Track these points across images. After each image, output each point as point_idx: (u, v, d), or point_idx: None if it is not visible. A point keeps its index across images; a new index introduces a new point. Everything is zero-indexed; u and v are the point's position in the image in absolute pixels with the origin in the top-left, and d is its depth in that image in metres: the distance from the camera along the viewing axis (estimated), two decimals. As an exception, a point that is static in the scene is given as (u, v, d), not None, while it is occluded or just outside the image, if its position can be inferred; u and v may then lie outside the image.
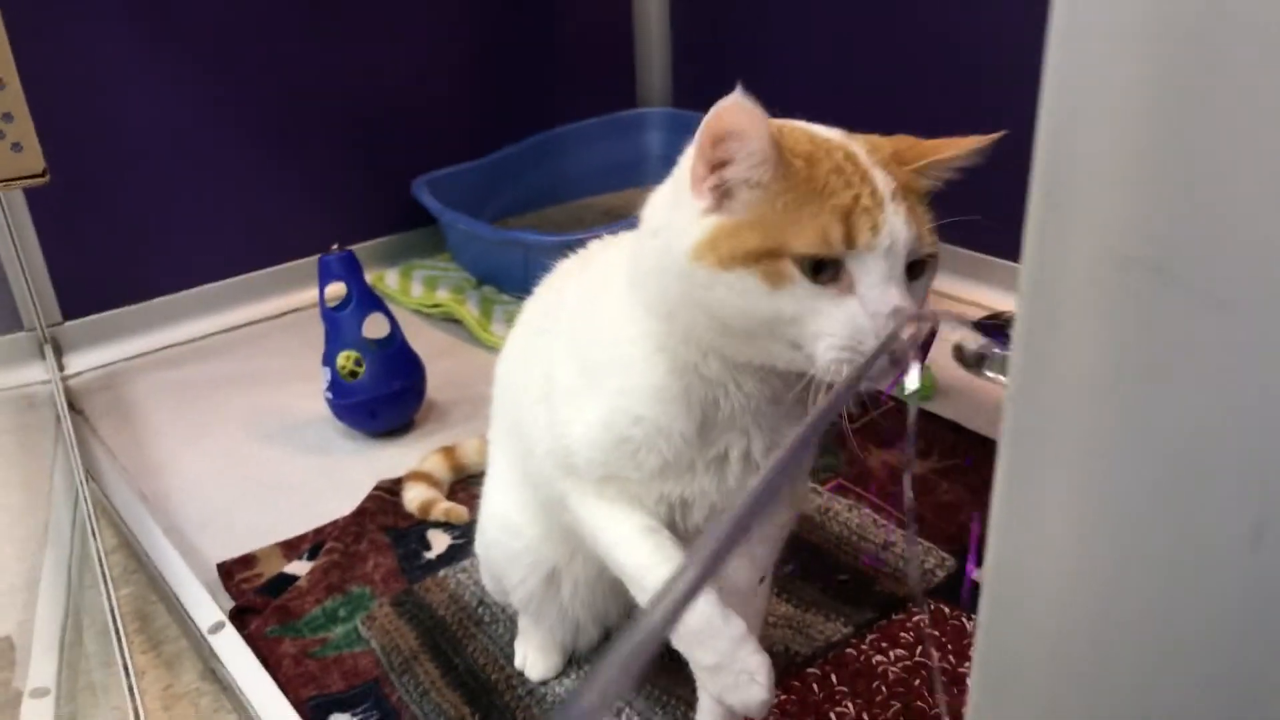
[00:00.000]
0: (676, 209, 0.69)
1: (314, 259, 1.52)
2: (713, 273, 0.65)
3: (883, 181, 0.64)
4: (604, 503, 0.80)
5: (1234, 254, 0.23)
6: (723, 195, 0.66)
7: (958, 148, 0.68)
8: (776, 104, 0.75)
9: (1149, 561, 0.27)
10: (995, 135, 0.68)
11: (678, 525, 0.81)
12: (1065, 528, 0.30)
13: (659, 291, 0.71)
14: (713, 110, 0.63)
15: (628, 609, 1.00)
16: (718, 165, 0.65)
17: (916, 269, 0.66)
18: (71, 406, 1.65)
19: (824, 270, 0.63)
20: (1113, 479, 0.28)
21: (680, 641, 0.76)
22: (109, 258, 1.85)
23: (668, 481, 0.78)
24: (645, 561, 0.78)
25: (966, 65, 1.81)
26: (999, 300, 1.81)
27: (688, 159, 0.69)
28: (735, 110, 0.62)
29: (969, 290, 1.86)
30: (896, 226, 0.63)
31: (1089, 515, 0.29)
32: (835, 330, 0.63)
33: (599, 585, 0.96)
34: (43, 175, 1.02)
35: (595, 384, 0.78)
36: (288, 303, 2.00)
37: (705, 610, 0.74)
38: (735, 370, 0.72)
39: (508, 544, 0.98)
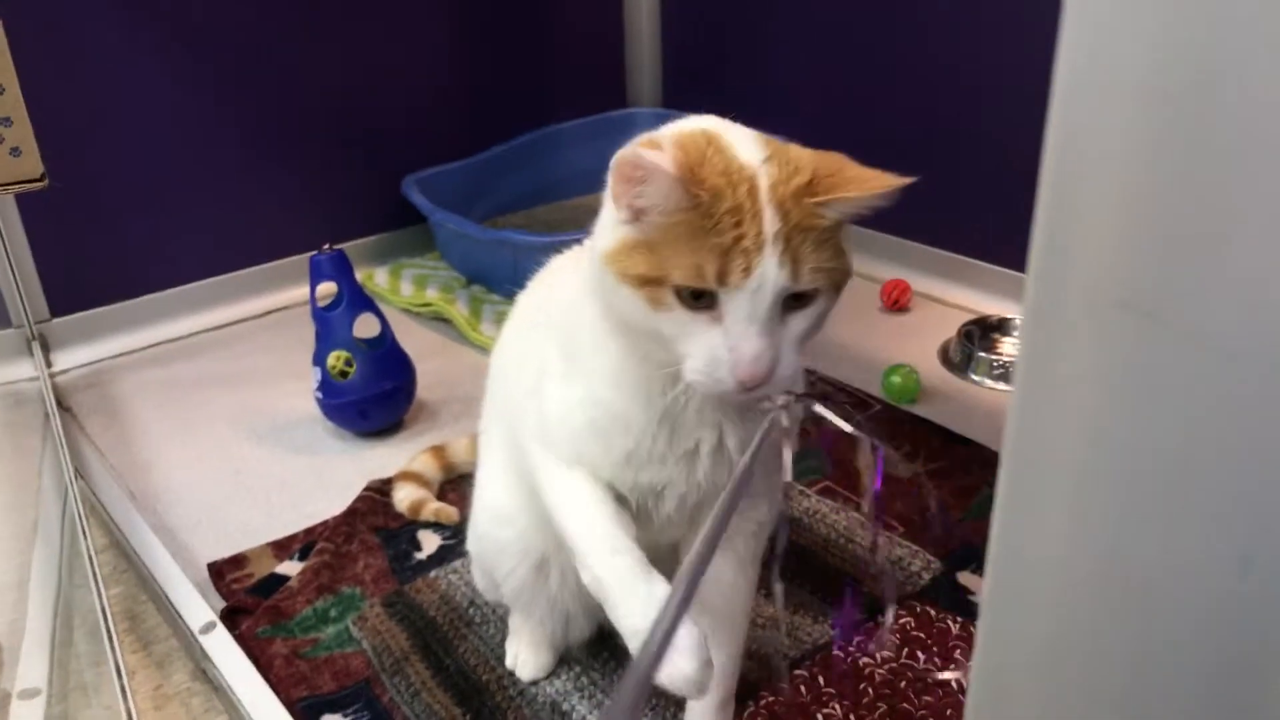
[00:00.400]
0: (605, 209, 0.74)
1: (303, 257, 1.52)
2: (616, 282, 0.71)
3: (771, 222, 0.67)
4: (569, 476, 0.82)
5: (1220, 301, 0.24)
6: (636, 212, 0.70)
7: (863, 189, 0.69)
8: (764, 101, 0.78)
9: (1140, 587, 0.28)
10: (906, 180, 0.69)
11: (650, 514, 0.83)
12: (1059, 552, 0.31)
13: (594, 283, 0.76)
14: (618, 156, 0.68)
15: None
16: (633, 200, 0.69)
17: (799, 298, 0.69)
18: (59, 404, 1.65)
19: (701, 298, 0.68)
20: (1105, 508, 0.29)
21: (602, 600, 0.77)
22: (97, 254, 1.85)
23: (638, 470, 0.80)
24: (585, 530, 0.80)
25: (952, 63, 1.82)
26: (984, 303, 1.83)
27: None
28: (635, 162, 0.67)
29: (954, 293, 1.88)
30: (769, 269, 0.66)
31: (1081, 542, 0.30)
32: (698, 354, 0.69)
33: None
34: (41, 180, 1.02)
35: (574, 367, 0.81)
36: (276, 301, 2.00)
37: (624, 567, 0.77)
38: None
39: (498, 534, 0.99)
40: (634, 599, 0.76)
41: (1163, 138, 0.24)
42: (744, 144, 0.71)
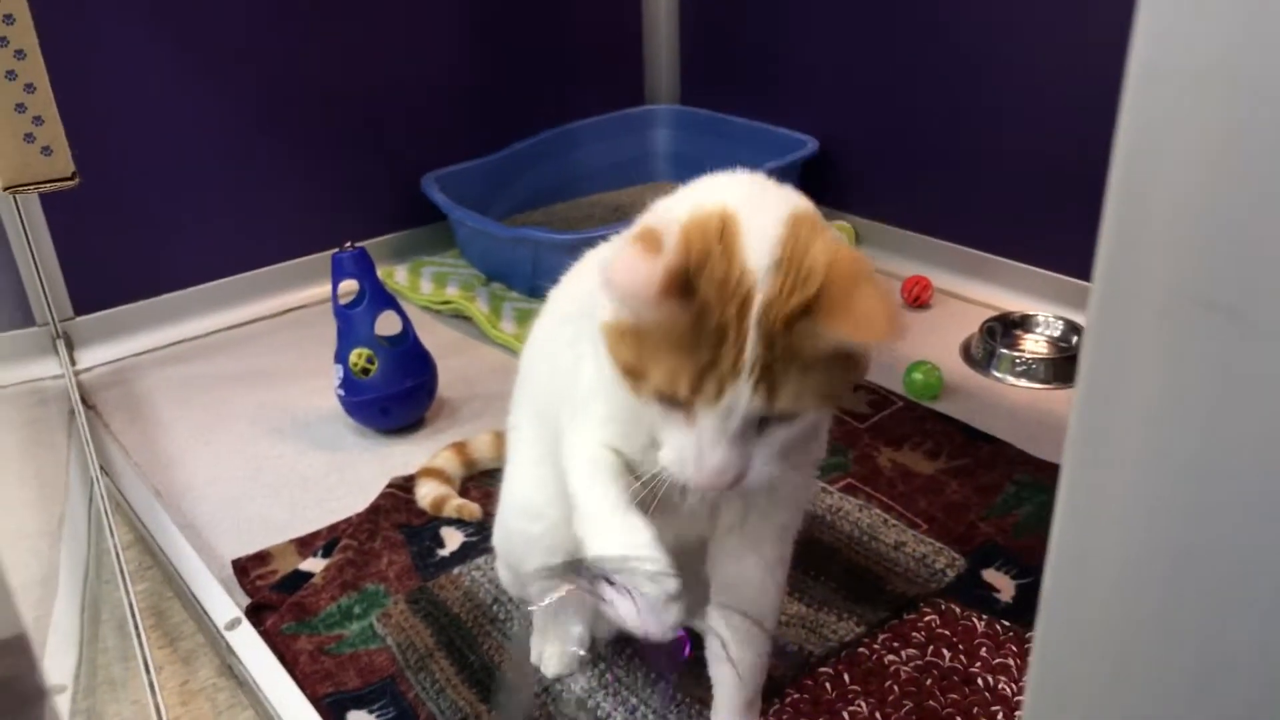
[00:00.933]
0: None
1: (323, 255, 1.53)
2: (608, 353, 0.71)
3: (752, 350, 0.65)
4: (596, 451, 0.81)
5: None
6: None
7: (856, 334, 0.64)
8: (783, 97, 0.76)
9: (1212, 590, 0.28)
10: (898, 338, 0.65)
11: (675, 506, 0.82)
12: (1125, 555, 0.30)
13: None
14: (611, 267, 0.64)
15: None
16: (616, 302, 0.69)
17: (776, 420, 0.69)
18: (84, 401, 1.66)
19: (677, 402, 0.68)
20: (1175, 509, 0.28)
21: (581, 536, 0.77)
22: (120, 253, 1.86)
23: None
24: (590, 486, 0.80)
25: (974, 56, 1.81)
26: (1006, 300, 1.82)
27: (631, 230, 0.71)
28: (627, 275, 0.64)
29: (975, 290, 1.87)
30: (741, 395, 0.65)
31: (1150, 545, 0.29)
32: (670, 448, 0.71)
33: None
34: (72, 179, 1.02)
35: (599, 359, 0.80)
36: (297, 299, 2.00)
37: (611, 506, 0.77)
38: None
39: (525, 529, 0.98)
40: (610, 529, 0.76)
41: (1242, 127, 0.24)
42: (759, 237, 0.66)
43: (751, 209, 0.68)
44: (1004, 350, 1.63)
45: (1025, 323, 1.73)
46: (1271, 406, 0.25)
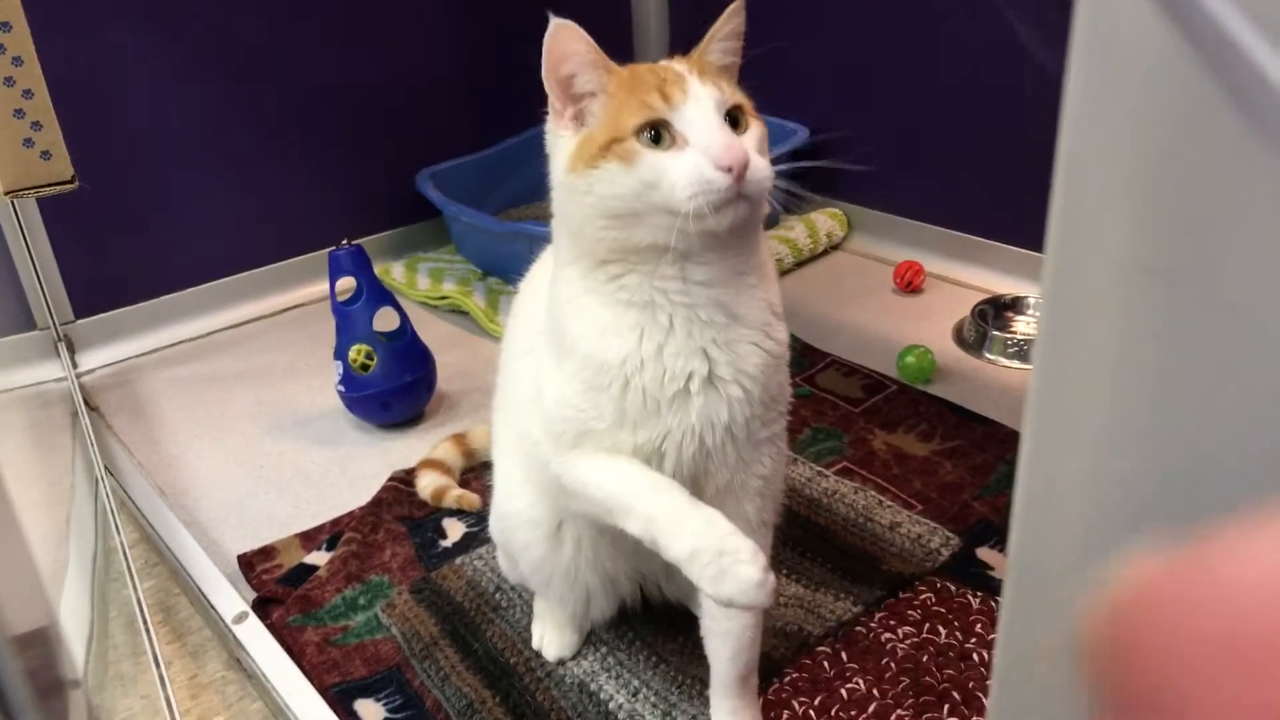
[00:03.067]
0: (554, 147, 0.82)
1: (320, 253, 1.55)
2: (586, 176, 0.77)
3: (681, 65, 0.79)
4: (585, 459, 0.84)
5: (1234, 262, 0.25)
6: (578, 119, 0.80)
7: (712, 30, 0.82)
8: (771, 91, 0.82)
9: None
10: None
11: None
12: (1083, 513, 0.32)
13: (562, 215, 0.82)
14: (547, 37, 0.78)
15: (635, 572, 1.03)
16: (568, 80, 0.79)
17: (735, 123, 0.77)
18: (87, 403, 1.67)
19: (661, 138, 0.75)
20: (1129, 474, 0.30)
21: (655, 539, 0.78)
22: (118, 255, 1.88)
23: (635, 429, 0.81)
24: (623, 485, 0.81)
25: (960, 44, 1.82)
26: (996, 282, 1.83)
27: (551, 110, 0.82)
28: (561, 30, 0.77)
29: (967, 273, 1.89)
30: (698, 86, 0.76)
31: (1106, 494, 0.31)
32: (682, 175, 0.73)
33: (600, 543, 0.98)
34: (71, 182, 1.04)
35: (561, 346, 0.84)
36: (295, 297, 2.02)
37: (670, 501, 0.78)
38: (655, 278, 0.78)
39: (509, 508, 1.02)
40: (686, 522, 0.77)
41: (1181, 98, 0.25)
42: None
43: None
44: (995, 332, 1.65)
45: (1016, 304, 1.75)
46: (1208, 361, 0.26)
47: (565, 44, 0.78)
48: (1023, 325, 1.71)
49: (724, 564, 0.73)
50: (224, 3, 1.85)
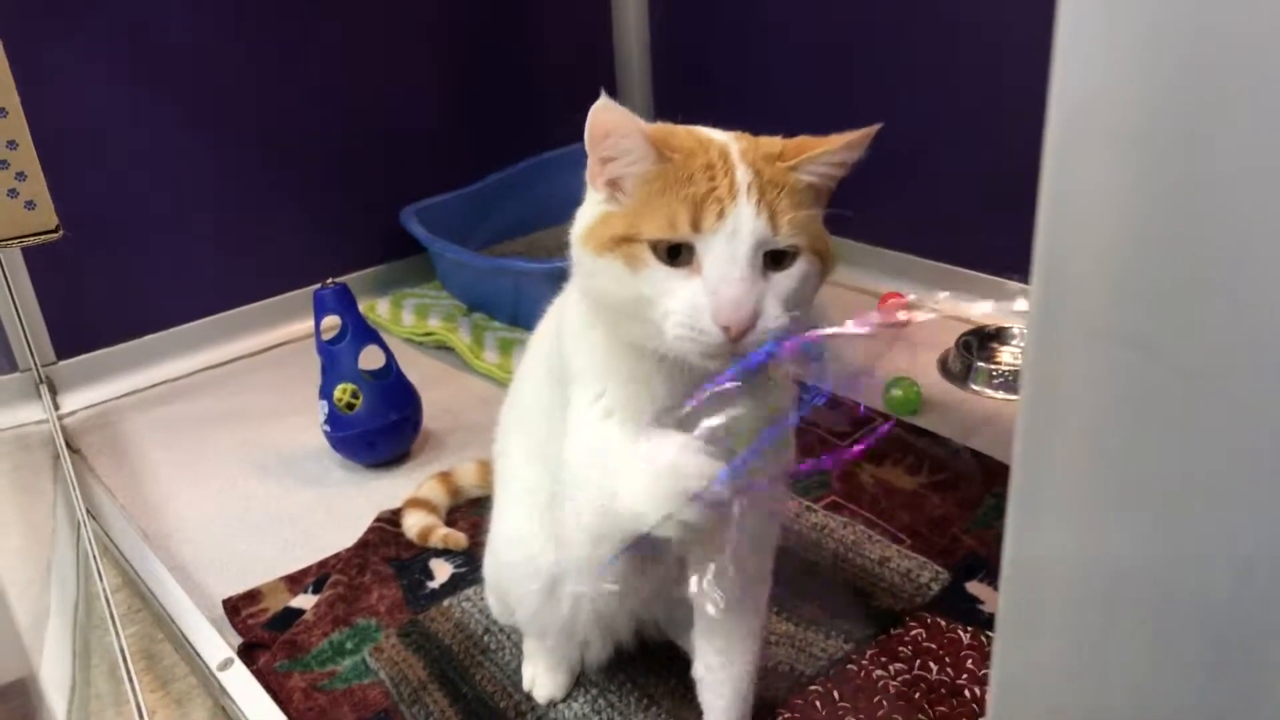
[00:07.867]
0: (585, 203, 0.76)
1: (304, 291, 1.54)
2: (594, 258, 0.71)
3: (744, 175, 0.67)
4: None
5: (1206, 334, 0.26)
6: (614, 188, 0.72)
7: (827, 145, 0.71)
8: (755, 123, 0.79)
9: (1144, 599, 0.30)
10: (870, 130, 0.71)
11: (663, 545, 0.82)
12: (1067, 566, 0.32)
13: (578, 280, 0.77)
14: (590, 113, 0.70)
15: (634, 617, 1.02)
16: (606, 160, 0.71)
17: (779, 259, 0.69)
18: (69, 445, 1.66)
19: (678, 255, 0.67)
20: (1109, 524, 0.30)
21: None
22: (101, 295, 1.87)
23: None
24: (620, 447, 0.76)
25: (947, 73, 1.84)
26: (984, 313, 1.84)
27: (589, 166, 0.75)
28: (604, 111, 0.69)
29: (954, 305, 1.89)
30: (744, 215, 0.66)
31: (1087, 550, 0.31)
32: (678, 307, 0.67)
33: (603, 599, 0.95)
34: (55, 231, 1.03)
35: (579, 384, 0.80)
36: (279, 335, 2.01)
37: None
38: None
39: (512, 557, 0.99)
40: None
41: (1151, 185, 0.26)
42: (704, 130, 0.75)
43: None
44: (980, 363, 1.66)
45: (1001, 335, 1.76)
46: (1180, 422, 0.27)
47: (609, 123, 0.70)
48: (1008, 356, 1.72)
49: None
50: (205, 42, 1.85)
